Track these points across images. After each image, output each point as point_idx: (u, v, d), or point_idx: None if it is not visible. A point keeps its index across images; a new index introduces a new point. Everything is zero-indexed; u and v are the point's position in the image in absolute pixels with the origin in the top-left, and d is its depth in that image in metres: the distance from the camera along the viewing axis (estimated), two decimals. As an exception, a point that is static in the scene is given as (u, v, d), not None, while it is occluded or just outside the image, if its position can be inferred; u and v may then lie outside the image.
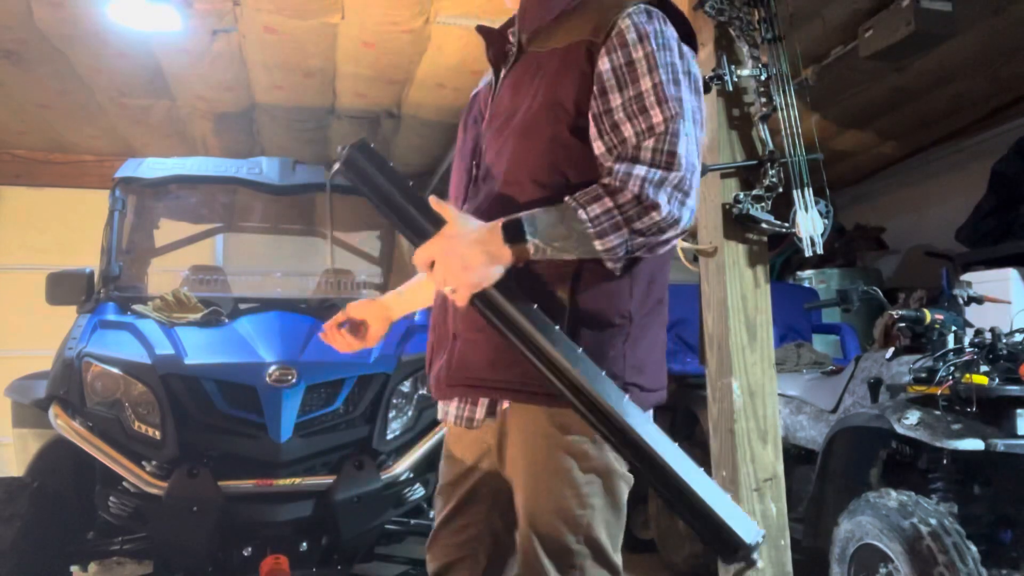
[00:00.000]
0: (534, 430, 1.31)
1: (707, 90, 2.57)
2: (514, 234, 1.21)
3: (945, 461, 2.73)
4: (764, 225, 2.46)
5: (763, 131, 2.51)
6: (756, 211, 2.44)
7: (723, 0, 2.51)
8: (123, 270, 3.52)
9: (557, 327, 1.21)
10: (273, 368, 2.84)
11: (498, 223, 1.22)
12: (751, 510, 2.46)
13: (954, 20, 3.59)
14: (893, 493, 2.62)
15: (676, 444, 1.20)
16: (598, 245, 1.21)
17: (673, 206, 1.21)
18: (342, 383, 2.95)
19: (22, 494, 2.86)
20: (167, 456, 2.73)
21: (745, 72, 2.50)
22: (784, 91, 2.49)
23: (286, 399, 2.81)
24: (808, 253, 2.46)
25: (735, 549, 1.15)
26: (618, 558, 1.36)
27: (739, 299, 2.53)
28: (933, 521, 2.43)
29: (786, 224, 2.47)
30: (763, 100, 2.49)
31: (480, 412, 1.38)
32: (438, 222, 1.22)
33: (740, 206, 2.45)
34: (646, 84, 1.25)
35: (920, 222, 6.24)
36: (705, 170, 2.52)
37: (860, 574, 2.67)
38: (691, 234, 2.75)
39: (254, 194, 3.98)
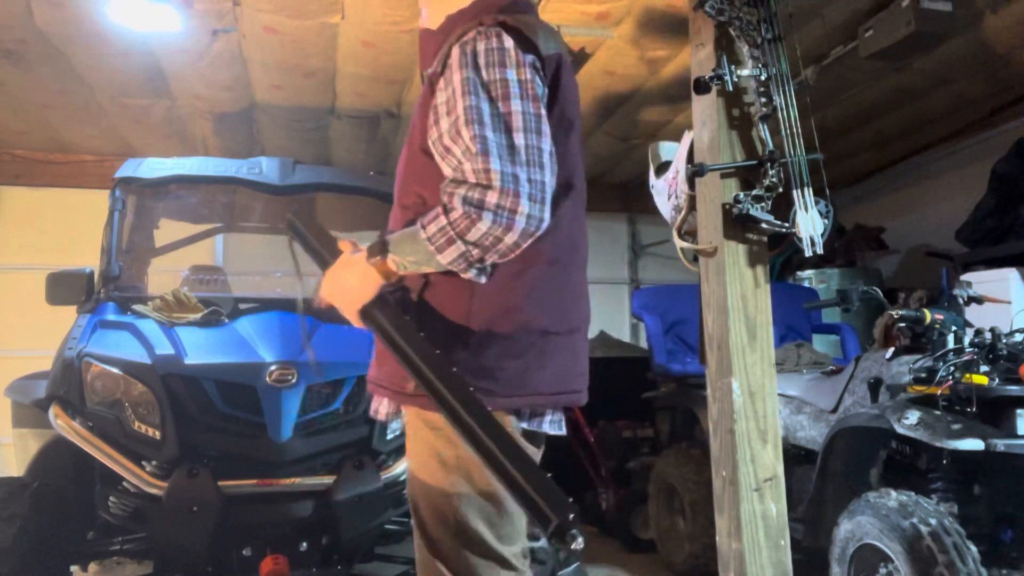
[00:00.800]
0: (413, 424, 1.49)
1: (707, 90, 2.57)
2: (375, 253, 1.42)
3: (945, 461, 2.73)
4: (764, 225, 2.46)
5: (763, 131, 2.50)
6: (756, 211, 2.44)
7: (723, 0, 2.51)
8: (123, 270, 3.51)
9: (421, 334, 1.39)
10: (273, 368, 2.84)
11: (365, 247, 1.44)
12: (751, 510, 2.46)
13: (954, 20, 3.59)
14: (893, 493, 2.62)
15: (507, 434, 1.32)
16: (441, 259, 1.35)
17: (500, 216, 1.30)
18: (342, 383, 2.95)
19: (22, 494, 2.86)
20: (167, 456, 2.73)
21: (745, 72, 2.50)
22: (784, 91, 2.49)
23: (286, 399, 2.81)
24: (808, 253, 2.46)
25: (547, 524, 1.25)
26: (507, 548, 1.46)
27: (739, 299, 2.53)
28: (933, 521, 2.43)
29: (786, 224, 2.47)
30: (763, 100, 2.49)
31: (384, 408, 1.58)
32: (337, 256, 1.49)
33: (740, 206, 2.45)
34: (459, 109, 1.37)
35: (920, 222, 6.24)
36: (705, 170, 2.52)
37: (860, 574, 2.67)
38: (691, 234, 2.75)
39: (254, 194, 3.97)
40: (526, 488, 1.27)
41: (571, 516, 1.23)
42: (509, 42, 1.41)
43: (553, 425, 1.52)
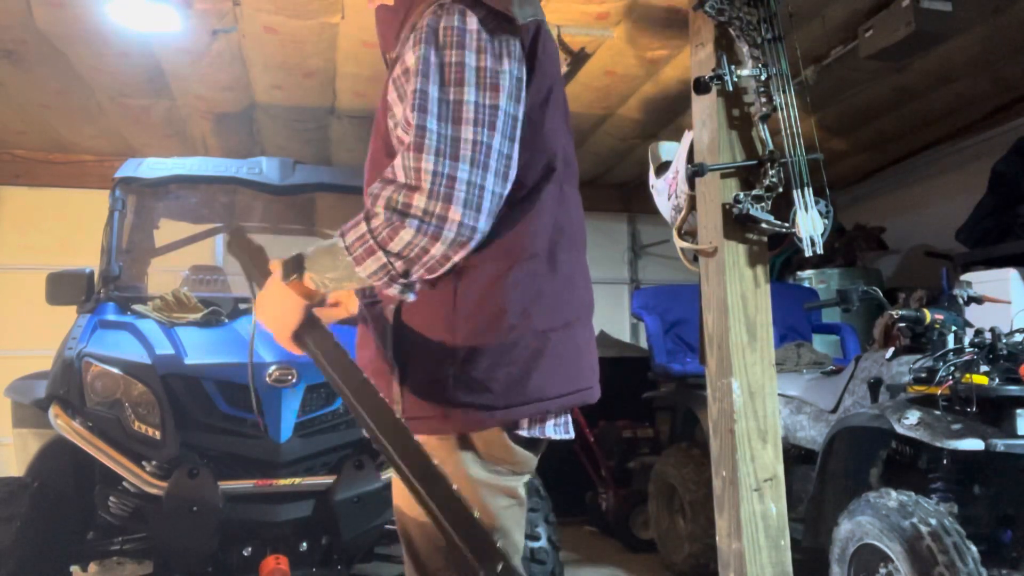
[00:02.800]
0: None
1: (707, 90, 2.57)
2: (290, 271, 1.26)
3: (945, 461, 2.73)
4: (764, 225, 2.45)
5: (763, 131, 2.50)
6: (756, 211, 2.44)
7: (723, 0, 2.50)
8: (123, 270, 3.51)
9: (353, 365, 1.27)
10: (273, 368, 2.83)
11: (280, 262, 1.30)
12: (751, 510, 2.46)
13: (954, 20, 3.59)
14: (893, 493, 2.62)
15: (436, 470, 1.19)
16: (360, 272, 1.20)
17: (427, 224, 1.16)
18: (342, 383, 2.95)
19: (22, 494, 2.86)
20: (167, 456, 2.73)
21: (745, 72, 2.50)
22: (784, 91, 2.49)
23: (286, 399, 2.81)
24: (808, 253, 2.46)
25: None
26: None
27: (739, 299, 2.53)
28: (933, 521, 2.43)
29: (786, 224, 2.47)
30: (763, 100, 2.49)
31: None
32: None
33: (740, 206, 2.45)
34: (408, 93, 1.23)
35: (920, 222, 6.24)
36: (705, 170, 2.52)
37: (860, 574, 2.67)
38: (691, 234, 2.75)
39: (254, 194, 3.97)
40: (451, 533, 1.15)
41: (499, 567, 1.12)
42: (473, 22, 1.24)
43: (558, 429, 1.39)
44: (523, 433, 1.34)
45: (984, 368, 2.63)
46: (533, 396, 1.31)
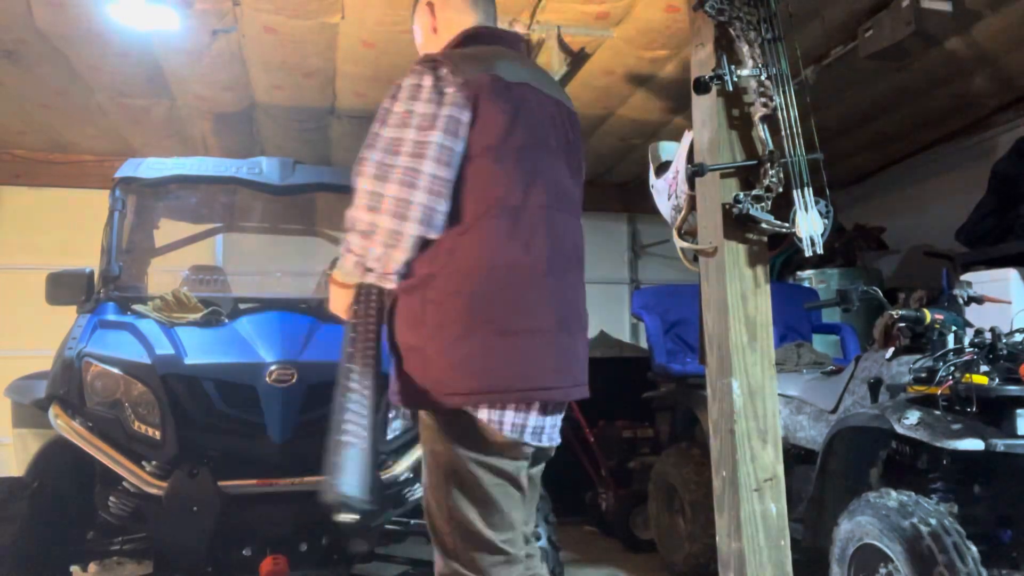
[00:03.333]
0: (420, 421, 1.75)
1: (707, 90, 2.57)
2: (330, 267, 1.70)
3: (945, 461, 2.73)
4: (764, 225, 2.45)
5: (763, 131, 2.50)
6: (756, 211, 2.44)
7: (723, 0, 2.50)
8: (123, 270, 3.51)
9: (354, 328, 1.76)
10: (273, 368, 2.83)
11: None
12: (751, 510, 2.46)
13: (954, 20, 3.59)
14: (893, 493, 2.62)
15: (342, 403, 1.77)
16: (345, 264, 1.67)
17: (366, 233, 1.60)
18: (342, 383, 2.94)
19: (22, 494, 2.86)
20: (167, 456, 2.73)
21: (745, 72, 2.49)
22: (784, 91, 2.48)
23: (286, 399, 2.81)
24: (808, 253, 2.46)
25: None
26: (497, 535, 1.63)
27: (739, 299, 2.52)
28: (933, 521, 2.43)
29: (786, 224, 2.47)
30: (763, 100, 2.49)
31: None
32: None
33: (740, 206, 2.45)
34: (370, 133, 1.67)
35: (920, 222, 6.24)
36: (705, 170, 2.52)
37: (860, 574, 2.67)
38: (691, 234, 2.75)
39: (254, 194, 3.97)
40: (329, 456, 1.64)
41: (337, 496, 1.67)
42: (428, 80, 1.63)
43: (533, 435, 1.68)
44: (482, 418, 1.63)
45: (984, 368, 2.63)
46: (463, 388, 1.62)
